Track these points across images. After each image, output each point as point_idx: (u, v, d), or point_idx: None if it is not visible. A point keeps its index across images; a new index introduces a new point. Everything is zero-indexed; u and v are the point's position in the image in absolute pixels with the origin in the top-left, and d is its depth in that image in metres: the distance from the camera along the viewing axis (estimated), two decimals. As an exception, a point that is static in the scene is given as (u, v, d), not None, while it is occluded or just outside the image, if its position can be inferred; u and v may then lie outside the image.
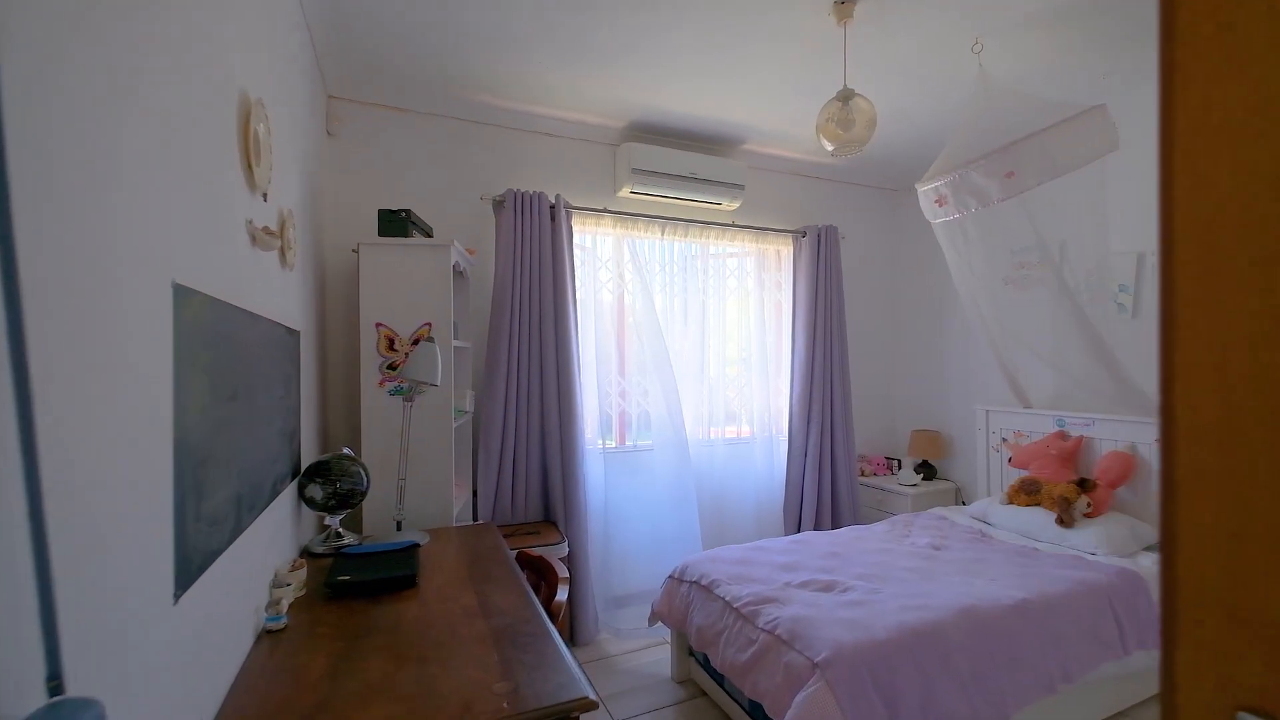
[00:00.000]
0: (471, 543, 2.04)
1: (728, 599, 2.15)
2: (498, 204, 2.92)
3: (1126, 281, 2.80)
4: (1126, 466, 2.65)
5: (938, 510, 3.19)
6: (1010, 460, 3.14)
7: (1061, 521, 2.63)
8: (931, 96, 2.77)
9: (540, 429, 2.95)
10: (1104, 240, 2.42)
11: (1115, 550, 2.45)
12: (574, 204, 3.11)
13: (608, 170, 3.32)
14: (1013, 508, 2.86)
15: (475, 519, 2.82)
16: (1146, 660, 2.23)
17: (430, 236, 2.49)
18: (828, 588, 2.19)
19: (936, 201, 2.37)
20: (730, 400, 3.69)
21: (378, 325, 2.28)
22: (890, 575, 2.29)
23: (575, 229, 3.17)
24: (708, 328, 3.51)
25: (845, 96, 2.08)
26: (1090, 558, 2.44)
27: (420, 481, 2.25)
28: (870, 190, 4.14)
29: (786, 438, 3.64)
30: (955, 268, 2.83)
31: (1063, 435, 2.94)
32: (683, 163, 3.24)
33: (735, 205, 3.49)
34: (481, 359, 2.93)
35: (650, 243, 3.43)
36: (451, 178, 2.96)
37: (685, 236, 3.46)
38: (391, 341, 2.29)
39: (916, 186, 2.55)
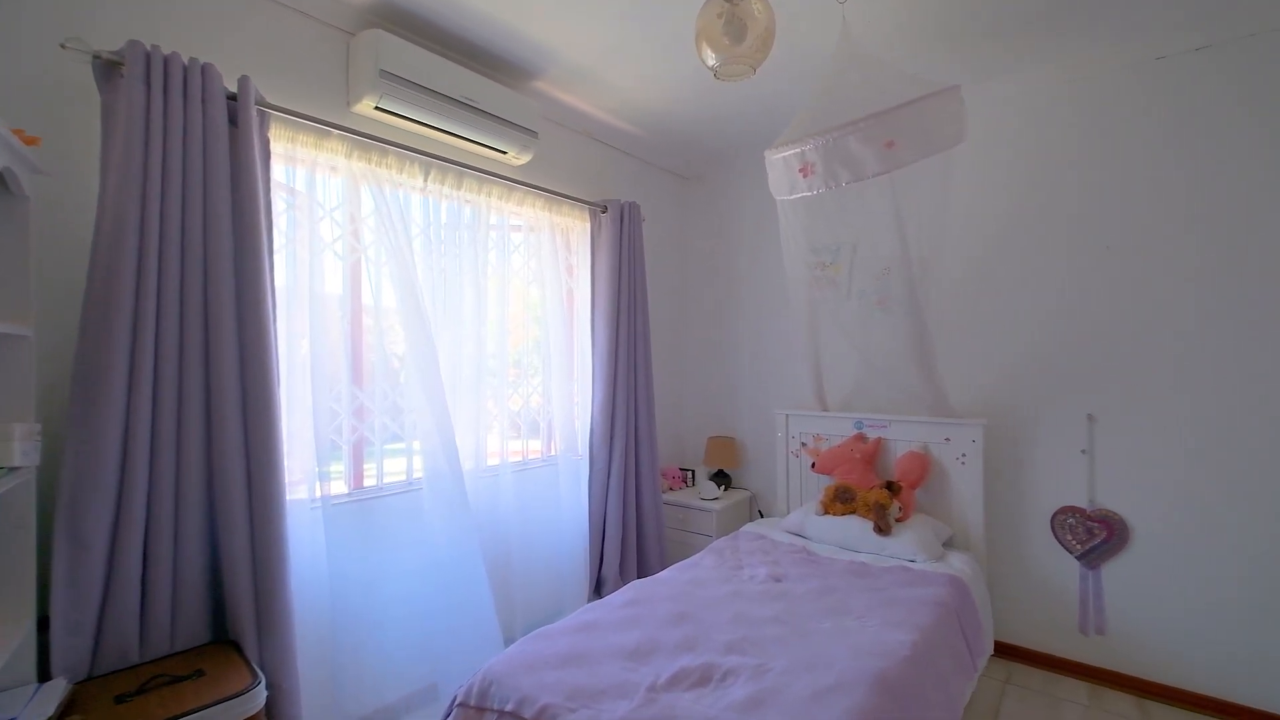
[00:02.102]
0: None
1: (576, 742, 1.35)
2: (108, 67, 1.55)
3: (913, 285, 2.88)
4: (924, 467, 2.70)
5: (751, 529, 2.89)
6: (814, 466, 3.02)
7: (879, 529, 2.53)
8: (771, 67, 2.41)
9: (205, 481, 1.68)
10: (943, 240, 2.34)
11: (930, 555, 2.42)
12: (276, 105, 1.89)
13: (338, 67, 2.15)
14: (829, 518, 2.70)
15: (45, 679, 1.42)
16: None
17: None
18: (704, 679, 1.57)
19: (800, 170, 1.97)
20: (519, 413, 2.84)
21: None
22: (761, 636, 1.79)
23: (278, 150, 1.94)
24: (487, 318, 2.60)
25: (735, -7, 1.49)
26: (914, 566, 2.36)
27: None
28: (662, 174, 3.73)
29: (588, 457, 2.95)
30: (790, 254, 2.55)
31: (861, 438, 2.92)
32: (459, 82, 2.29)
33: (525, 159, 2.66)
34: (65, 363, 1.52)
35: (408, 194, 2.36)
36: (-16, -9, 1.46)
37: (459, 190, 2.49)
38: None
39: (768, 154, 2.14)
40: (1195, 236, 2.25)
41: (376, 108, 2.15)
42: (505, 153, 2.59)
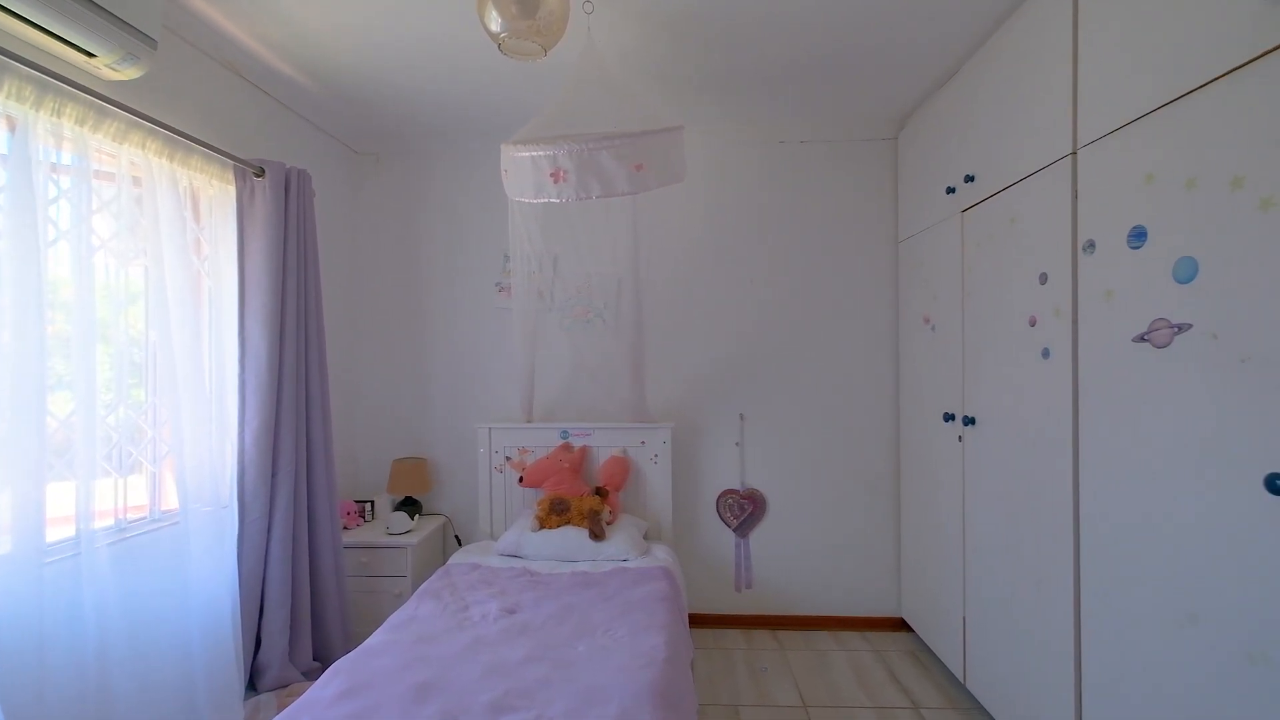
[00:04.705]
0: None
1: None
2: None
3: (610, 300, 3.08)
4: (625, 470, 2.90)
5: (463, 559, 2.60)
6: (521, 480, 2.92)
7: (594, 535, 2.61)
8: (489, 59, 2.20)
9: None
10: (647, 262, 2.53)
11: (638, 551, 2.61)
12: None
13: None
14: (545, 532, 2.64)
15: None
16: (683, 646, 2.46)
17: None
18: (482, 763, 1.31)
19: (552, 175, 1.86)
20: (116, 452, 1.87)
21: None
22: (524, 684, 1.60)
23: None
24: (48, 308, 1.63)
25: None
26: (629, 565, 2.51)
27: None
28: (331, 142, 3.05)
29: (237, 505, 2.15)
30: (521, 256, 2.41)
31: (568, 447, 2.96)
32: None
33: (129, 74, 1.80)
34: None
35: None
36: None
37: (-6, 92, 1.49)
38: None
39: (509, 149, 1.94)
40: (805, 281, 3.06)
41: None
42: (94, 55, 1.69)
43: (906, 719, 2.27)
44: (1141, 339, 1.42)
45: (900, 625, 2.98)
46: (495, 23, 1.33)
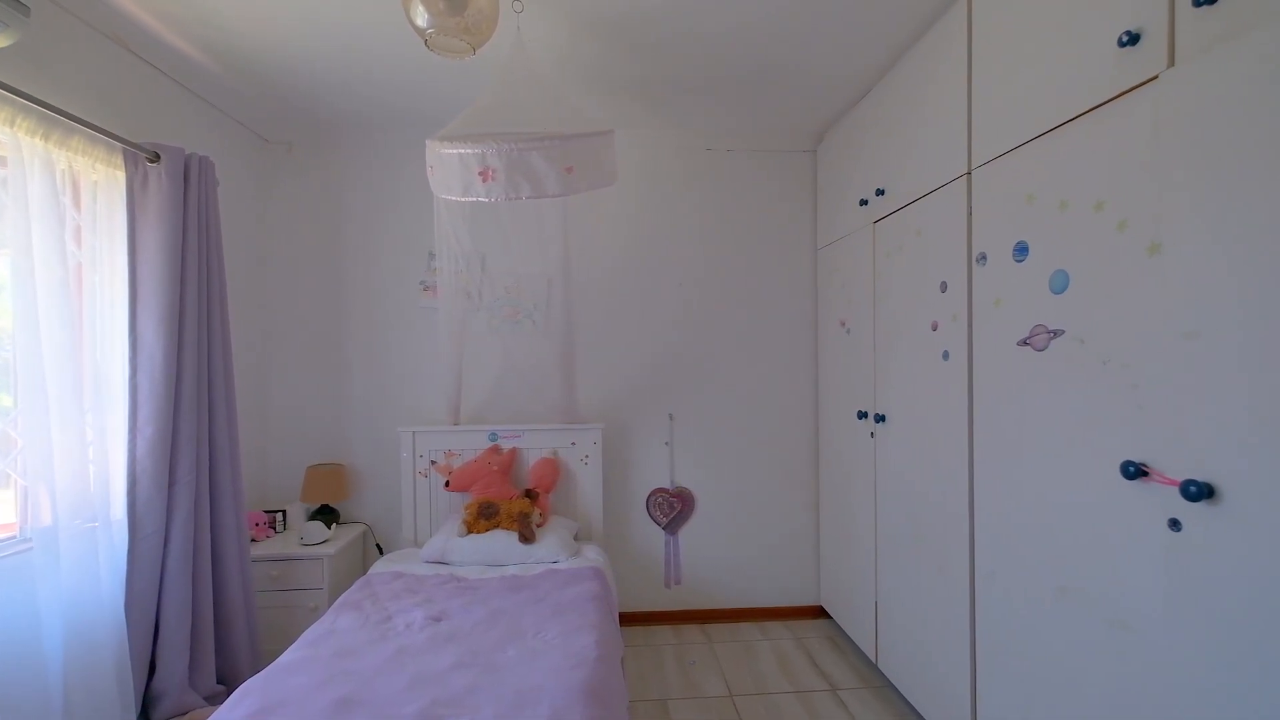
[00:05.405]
0: None
1: None
2: None
3: (540, 300, 3.06)
4: (555, 471, 2.89)
5: (385, 568, 2.49)
6: (448, 485, 2.84)
7: (524, 538, 2.58)
8: (413, 51, 2.13)
9: None
10: (577, 264, 2.53)
11: (569, 551, 2.61)
12: None
13: None
14: (473, 537, 2.58)
15: None
16: (614, 645, 2.47)
17: None
18: (407, 776, 1.27)
19: (481, 173, 1.83)
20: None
21: None
22: (452, 692, 1.57)
23: None
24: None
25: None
26: (559, 566, 2.50)
27: None
28: (237, 128, 2.85)
29: (126, 520, 1.96)
30: (448, 255, 2.35)
31: (497, 449, 2.91)
32: None
33: None
34: None
35: None
36: None
37: None
38: None
39: (436, 146, 1.89)
40: (730, 285, 3.16)
41: None
42: (-49, 18, 1.50)
43: (825, 700, 2.40)
44: (1024, 343, 1.58)
45: (820, 613, 3.14)
46: (421, 18, 1.30)
